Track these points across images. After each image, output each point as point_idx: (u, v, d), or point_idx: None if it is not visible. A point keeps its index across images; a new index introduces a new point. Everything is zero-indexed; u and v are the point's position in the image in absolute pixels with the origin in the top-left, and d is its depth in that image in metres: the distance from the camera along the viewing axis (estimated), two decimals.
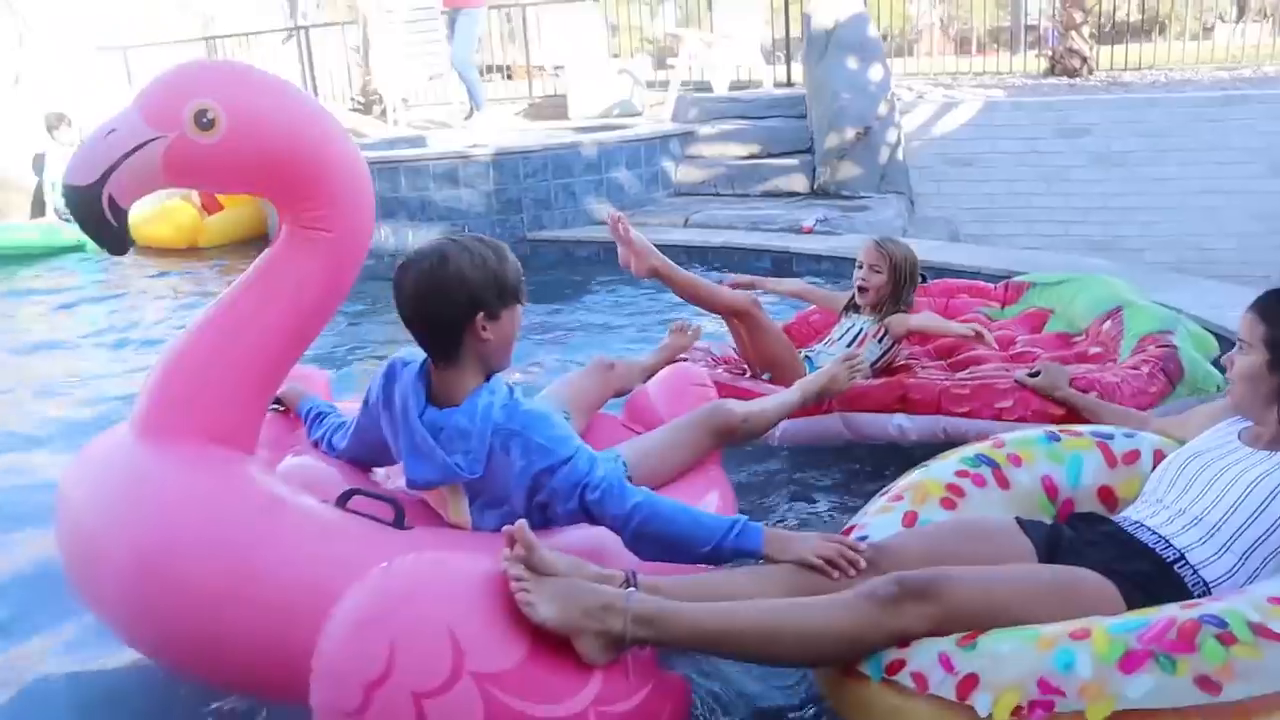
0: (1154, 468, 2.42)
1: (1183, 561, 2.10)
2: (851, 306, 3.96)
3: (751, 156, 8.45)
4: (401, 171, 7.46)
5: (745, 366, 3.89)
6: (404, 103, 11.97)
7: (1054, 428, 2.69)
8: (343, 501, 2.16)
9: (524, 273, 2.19)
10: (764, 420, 2.86)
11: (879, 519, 2.38)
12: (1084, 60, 10.22)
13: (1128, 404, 3.12)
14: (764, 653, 1.90)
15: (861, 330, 3.82)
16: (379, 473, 2.58)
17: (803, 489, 3.34)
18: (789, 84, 10.11)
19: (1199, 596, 2.02)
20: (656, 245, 3.67)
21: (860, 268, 3.85)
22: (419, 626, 1.68)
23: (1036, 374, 3.24)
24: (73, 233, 8.28)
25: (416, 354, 2.22)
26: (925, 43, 16.07)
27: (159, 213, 8.49)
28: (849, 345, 3.78)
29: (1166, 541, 2.14)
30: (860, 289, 3.84)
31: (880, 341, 3.76)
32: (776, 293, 4.37)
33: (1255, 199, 8.00)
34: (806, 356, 3.83)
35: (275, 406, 2.75)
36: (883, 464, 3.24)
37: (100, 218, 2.03)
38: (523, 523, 1.85)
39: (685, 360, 3.74)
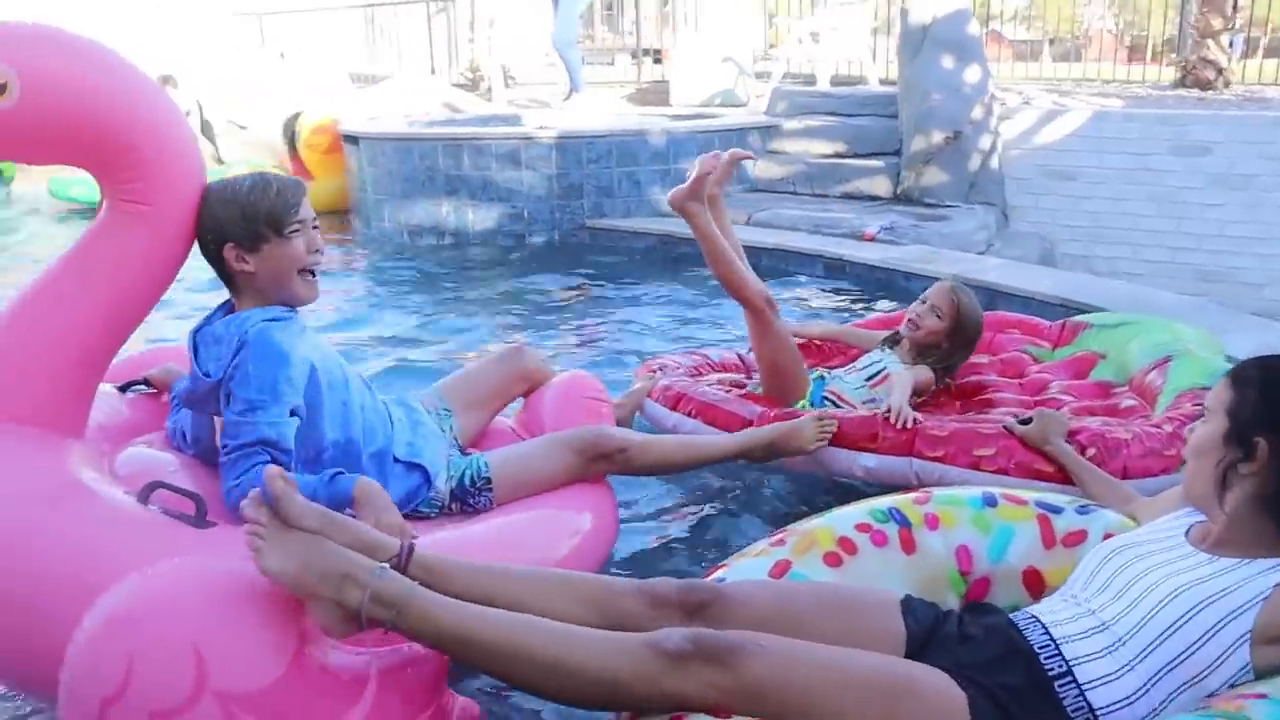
0: None
1: (1068, 678, 1.70)
2: (890, 340, 3.61)
3: (835, 155, 8.03)
4: (465, 149, 7.34)
5: (751, 371, 3.61)
6: (510, 80, 11.95)
7: (997, 490, 2.31)
8: (145, 495, 2.03)
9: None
10: (655, 457, 2.65)
11: (749, 561, 2.10)
12: (1220, 72, 9.39)
13: (1135, 465, 2.73)
14: (508, 674, 1.64)
15: (884, 370, 3.47)
16: None
17: (742, 512, 3.10)
18: (893, 82, 9.61)
19: None
20: None
21: (922, 303, 3.50)
22: (160, 640, 1.54)
23: (1028, 421, 2.86)
24: None
25: None
26: (1095, 48, 15.25)
27: None
28: (869, 379, 3.46)
29: (1056, 647, 1.74)
30: (911, 323, 3.48)
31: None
32: (804, 336, 4.00)
33: None
34: (820, 376, 3.50)
35: (142, 388, 2.61)
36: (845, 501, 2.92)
37: None
38: (278, 470, 1.68)
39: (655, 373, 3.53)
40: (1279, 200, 7.37)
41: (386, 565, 1.67)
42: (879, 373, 3.46)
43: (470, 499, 2.48)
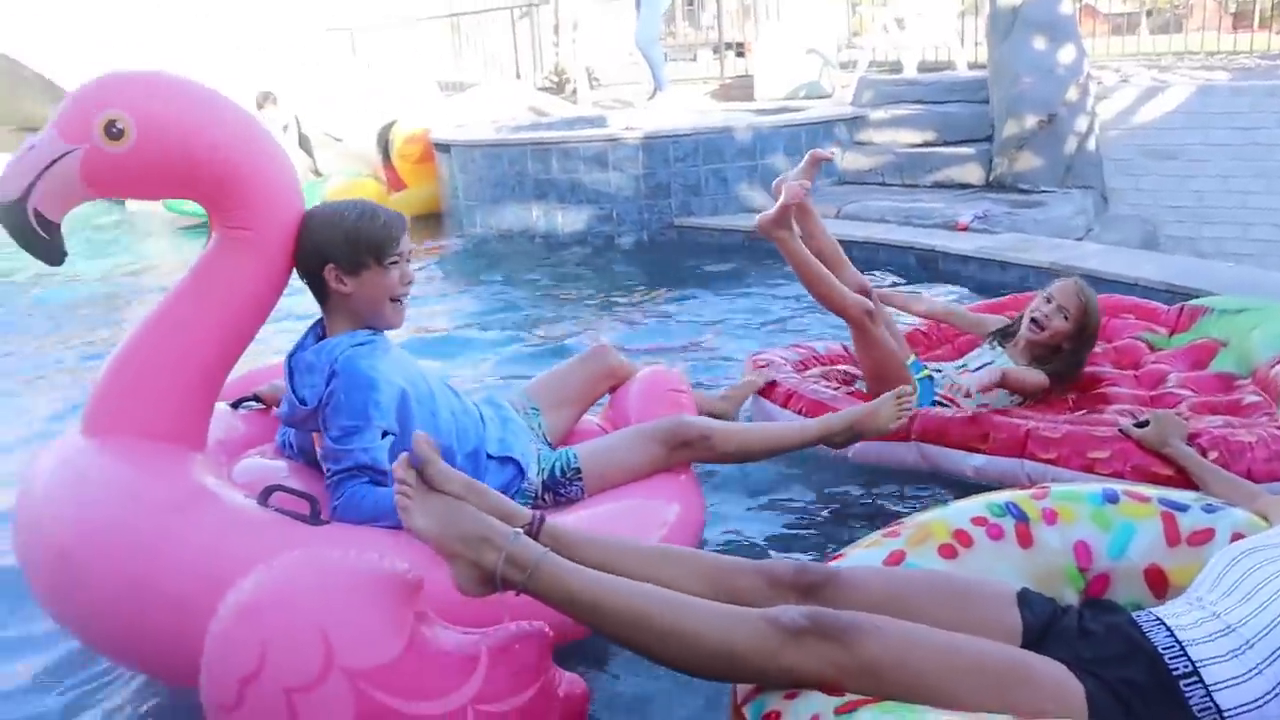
0: None
1: (1194, 678, 1.67)
2: (1003, 334, 3.53)
3: (925, 144, 7.89)
4: (553, 153, 7.43)
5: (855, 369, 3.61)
6: (594, 81, 12.03)
7: (1121, 486, 2.27)
8: (264, 497, 2.18)
9: None
10: (736, 444, 2.73)
11: (863, 552, 2.11)
12: None
13: (1260, 469, 2.64)
14: (631, 639, 1.71)
15: (985, 365, 3.42)
16: None
17: (847, 510, 3.10)
18: (982, 66, 9.41)
19: None
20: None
21: (1048, 301, 3.40)
22: (290, 624, 1.70)
23: (1145, 424, 2.79)
24: None
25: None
26: (1197, 18, 14.68)
27: (346, 189, 8.87)
28: (969, 374, 3.39)
29: (1182, 648, 1.70)
30: (1034, 324, 3.40)
31: (1010, 396, 3.37)
32: (913, 313, 3.97)
33: None
34: (929, 375, 3.46)
35: (253, 404, 2.73)
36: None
37: (30, 231, 2.10)
38: (425, 435, 1.87)
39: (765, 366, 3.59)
40: None
41: (520, 531, 1.78)
42: (978, 369, 3.40)
43: (562, 489, 2.58)
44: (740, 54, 12.89)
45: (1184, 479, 2.61)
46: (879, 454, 3.18)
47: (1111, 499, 2.17)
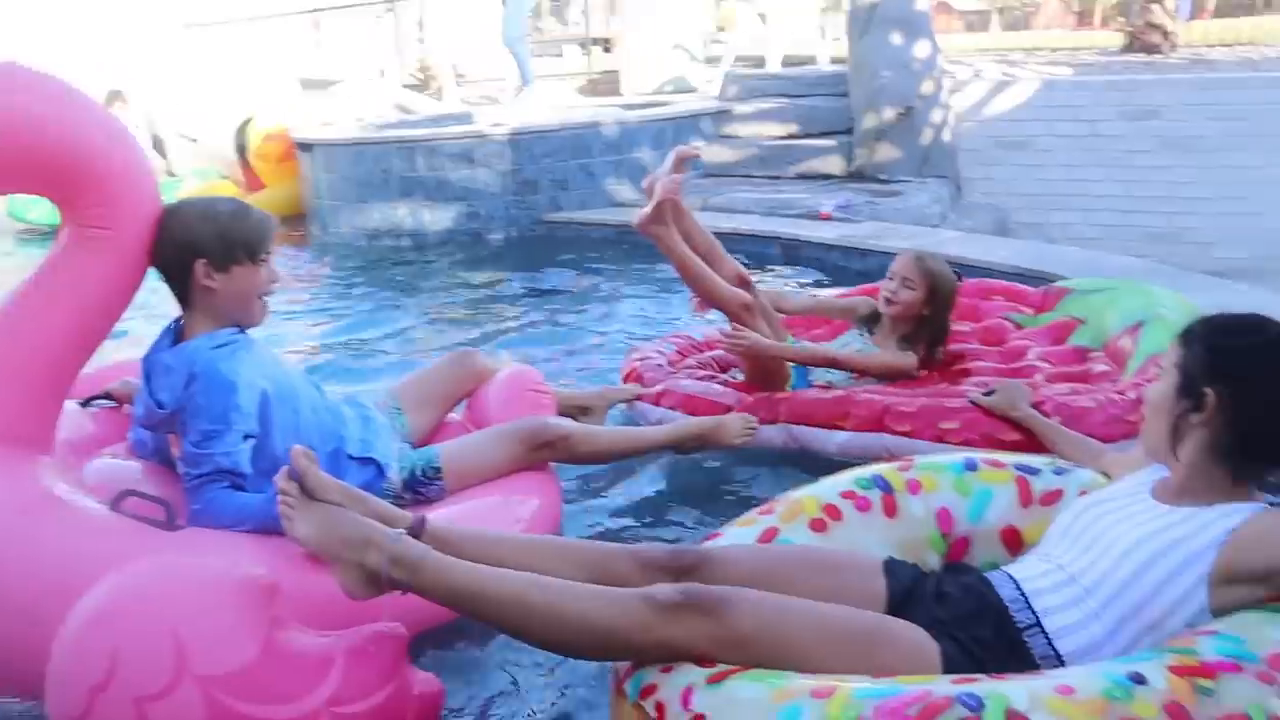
0: None
1: (1036, 628, 1.78)
2: (871, 318, 3.61)
3: (788, 137, 8.05)
4: (419, 151, 7.31)
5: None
6: (460, 78, 11.91)
7: (981, 454, 2.38)
8: (117, 502, 2.12)
9: None
10: (596, 446, 2.81)
11: (738, 530, 2.17)
12: (1165, 35, 9.48)
13: (1098, 432, 2.75)
14: (515, 626, 1.77)
15: (856, 351, 3.49)
16: None
17: (724, 492, 3.14)
18: (843, 61, 9.65)
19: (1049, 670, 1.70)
20: None
21: (891, 279, 3.47)
22: (141, 630, 1.68)
23: (992, 393, 2.92)
24: None
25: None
26: (1043, 16, 15.31)
27: (201, 191, 8.54)
28: None
29: (1026, 601, 1.82)
30: (886, 301, 3.47)
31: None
32: (783, 310, 3.98)
33: None
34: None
35: (103, 402, 2.68)
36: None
37: None
38: (303, 448, 1.90)
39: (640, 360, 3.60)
40: (1226, 161, 7.49)
41: (403, 532, 1.82)
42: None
43: (422, 488, 2.59)
44: (607, 49, 12.93)
45: (1032, 443, 2.74)
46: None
47: (971, 467, 2.27)
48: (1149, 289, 3.78)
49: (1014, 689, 1.51)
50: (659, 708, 1.63)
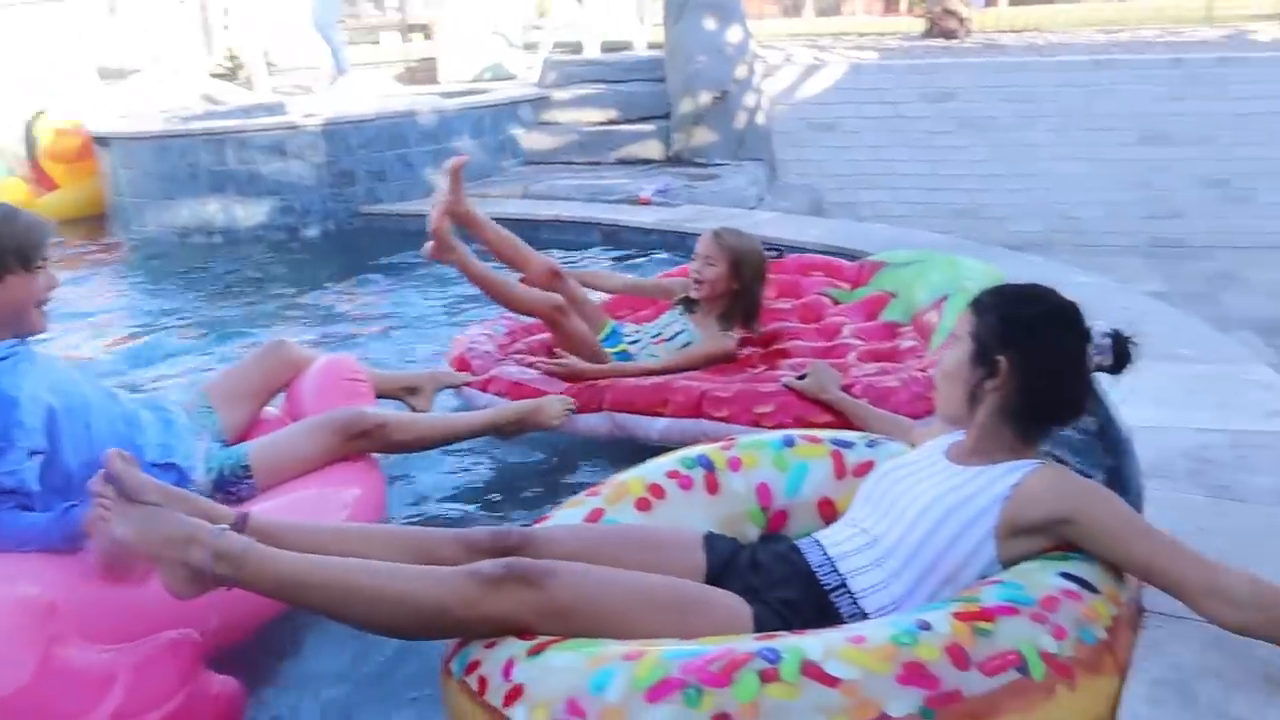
0: None
1: (842, 589, 1.88)
2: (690, 300, 3.63)
3: (608, 122, 8.11)
4: (228, 143, 7.03)
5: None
6: (271, 67, 11.50)
7: (799, 432, 2.49)
8: None
9: None
10: (413, 434, 2.79)
11: (566, 512, 2.22)
12: (961, 21, 9.98)
13: (904, 410, 2.87)
14: (342, 612, 1.79)
15: (677, 334, 3.54)
16: None
17: (554, 479, 3.15)
18: (659, 47, 9.77)
19: None
20: (491, 216, 3.49)
21: (694, 259, 3.52)
22: None
23: (804, 376, 3.01)
24: None
25: None
26: (853, 2, 15.79)
27: None
28: (653, 337, 3.55)
29: (833, 565, 1.92)
30: (695, 284, 3.51)
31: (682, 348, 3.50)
32: (601, 290, 3.98)
33: (1123, 166, 7.86)
34: (625, 349, 3.55)
35: None
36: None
37: None
38: (117, 450, 1.85)
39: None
40: (1019, 139, 7.95)
41: (225, 528, 1.81)
42: (672, 337, 3.55)
43: (232, 488, 2.53)
44: (426, 36, 12.70)
45: (843, 423, 2.84)
46: (573, 425, 3.23)
47: (789, 444, 2.38)
48: (956, 260, 3.93)
49: (810, 642, 1.60)
50: (481, 682, 1.66)
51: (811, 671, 1.52)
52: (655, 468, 2.33)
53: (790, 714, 1.49)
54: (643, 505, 2.21)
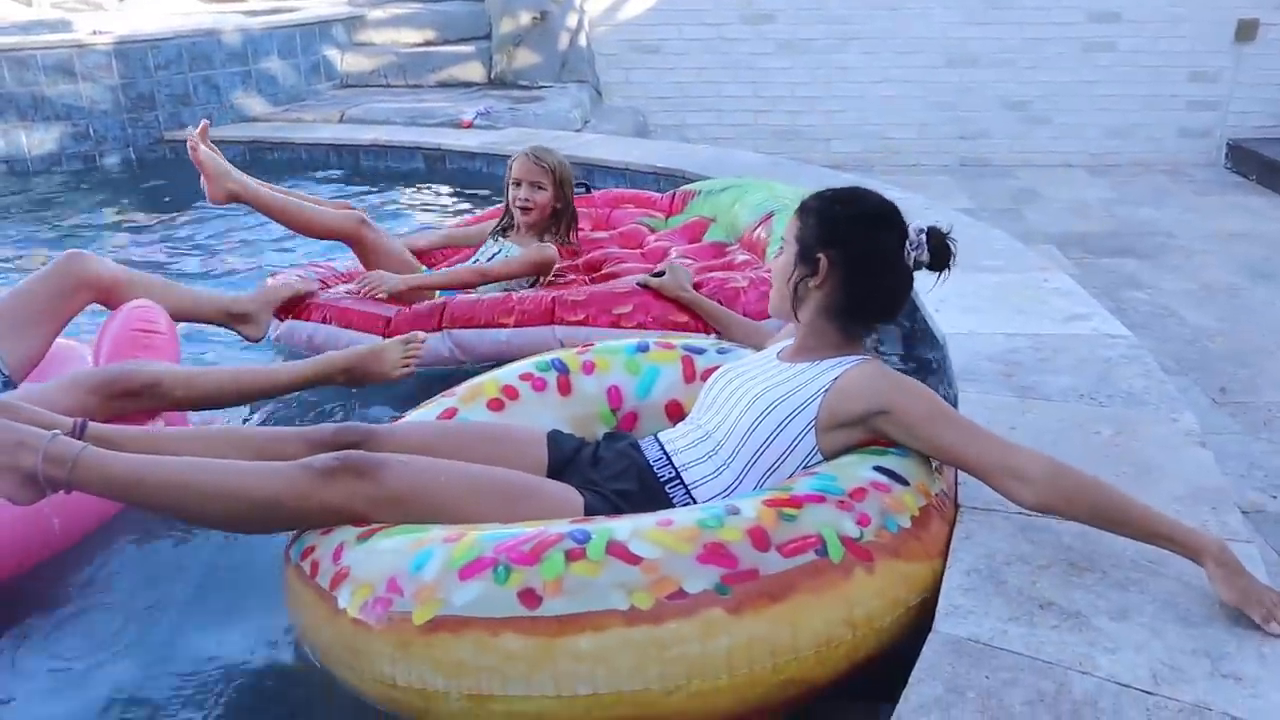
0: None
1: (676, 481, 1.98)
2: (501, 229, 3.56)
3: (426, 44, 7.85)
4: (4, 63, 6.44)
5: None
6: None
7: (652, 337, 2.58)
8: None
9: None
10: (197, 391, 2.38)
11: (420, 412, 2.30)
12: None
13: (752, 310, 2.93)
14: (177, 507, 1.83)
15: (494, 255, 3.46)
16: None
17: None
18: None
19: None
20: (305, 142, 3.33)
21: (518, 185, 3.43)
22: None
23: (661, 274, 3.02)
24: None
25: None
26: None
27: None
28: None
29: (668, 459, 2.02)
30: (524, 209, 3.43)
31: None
32: (419, 249, 3.80)
33: (932, 89, 8.11)
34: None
35: None
36: None
37: None
38: None
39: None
40: (837, 61, 8.10)
41: (58, 433, 1.83)
42: (491, 258, 3.47)
43: None
44: None
45: (700, 324, 2.91)
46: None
47: (643, 349, 2.49)
48: (770, 184, 4.07)
49: (621, 525, 1.70)
50: (314, 566, 1.75)
51: (616, 550, 1.61)
52: (509, 370, 2.42)
53: (591, 589, 1.57)
54: (495, 405, 2.30)
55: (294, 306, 3.27)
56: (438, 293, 3.37)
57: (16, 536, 1.97)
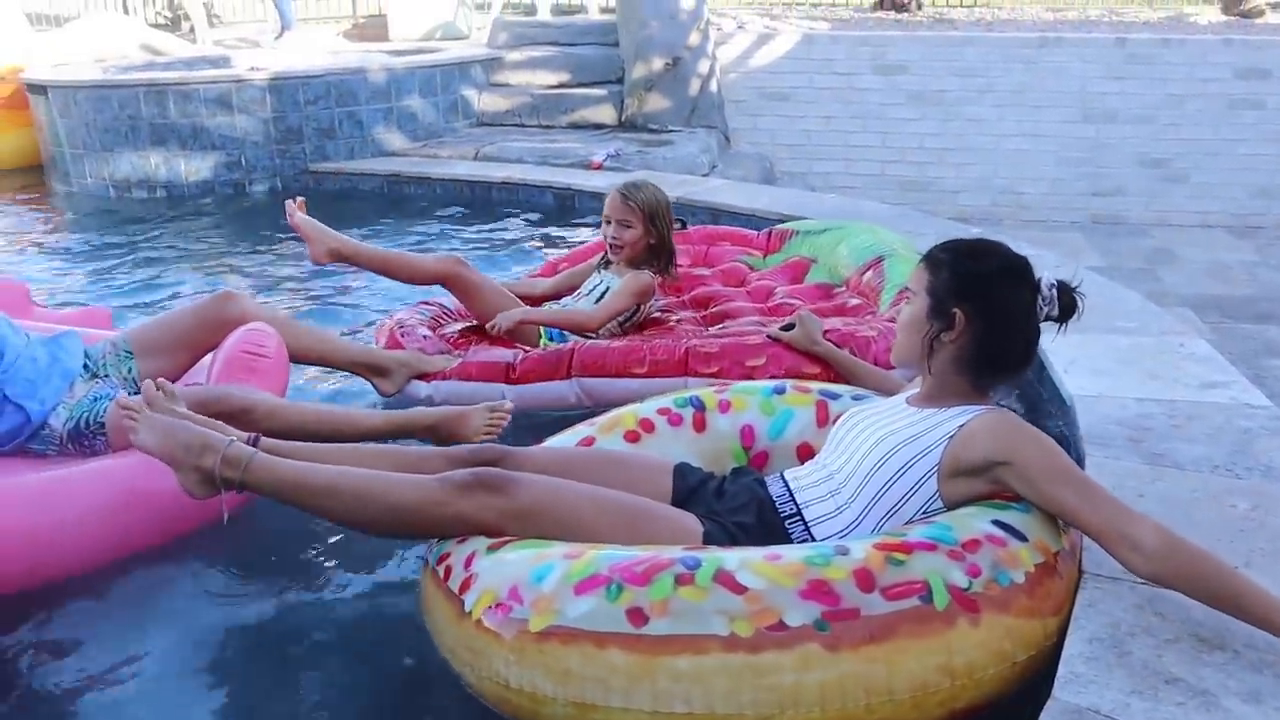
0: None
1: (796, 518, 2.03)
2: (605, 262, 3.62)
3: (560, 86, 8.05)
4: (170, 96, 6.86)
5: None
6: (215, 19, 11.24)
7: (790, 382, 2.60)
8: None
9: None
10: (287, 423, 2.45)
11: (559, 438, 2.41)
12: None
13: (882, 359, 2.91)
14: (334, 511, 2.00)
15: (607, 289, 3.53)
16: None
17: None
18: (612, 11, 9.70)
19: None
20: (441, 178, 3.50)
21: (608, 224, 3.49)
22: None
23: (791, 327, 3.01)
24: None
25: None
26: None
27: None
28: (595, 302, 3.48)
29: (792, 496, 2.07)
30: (613, 249, 3.49)
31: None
32: (536, 297, 3.83)
33: (1066, 143, 7.99)
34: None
35: None
36: None
37: None
38: (152, 380, 2.12)
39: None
40: (968, 113, 8.03)
41: (234, 439, 2.05)
42: (604, 294, 3.53)
43: (85, 441, 2.54)
44: None
45: (829, 375, 2.87)
46: (537, 397, 3.08)
47: (780, 391, 2.52)
48: (872, 228, 4.06)
49: (731, 555, 1.75)
50: (447, 570, 1.88)
51: (723, 579, 1.67)
52: (649, 405, 2.50)
53: (694, 613, 1.63)
54: (631, 437, 2.39)
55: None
56: (541, 331, 3.44)
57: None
